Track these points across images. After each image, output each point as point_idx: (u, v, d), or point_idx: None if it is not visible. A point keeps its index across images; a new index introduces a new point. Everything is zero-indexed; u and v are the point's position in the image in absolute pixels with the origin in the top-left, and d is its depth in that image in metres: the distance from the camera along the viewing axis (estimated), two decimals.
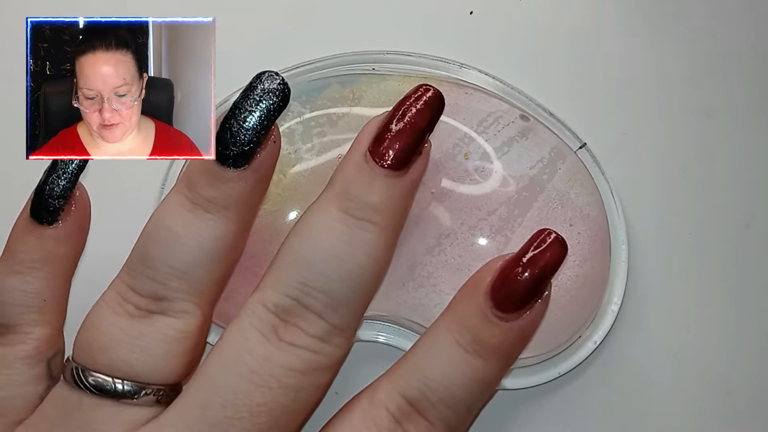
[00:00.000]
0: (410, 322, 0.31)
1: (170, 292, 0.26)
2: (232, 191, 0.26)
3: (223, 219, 0.26)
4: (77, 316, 0.28)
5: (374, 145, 0.26)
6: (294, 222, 0.30)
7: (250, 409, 0.25)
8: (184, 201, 0.27)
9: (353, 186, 0.26)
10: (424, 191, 0.31)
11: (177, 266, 0.26)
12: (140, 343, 0.26)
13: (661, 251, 0.33)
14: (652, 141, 0.34)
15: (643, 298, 0.33)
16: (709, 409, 0.33)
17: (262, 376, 0.25)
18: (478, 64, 0.33)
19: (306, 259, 0.26)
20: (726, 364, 0.33)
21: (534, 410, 0.33)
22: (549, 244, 0.26)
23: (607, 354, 0.32)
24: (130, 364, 0.26)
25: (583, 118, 0.33)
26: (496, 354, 0.26)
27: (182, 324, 0.27)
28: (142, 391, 0.26)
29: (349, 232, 0.26)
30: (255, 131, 0.26)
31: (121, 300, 0.27)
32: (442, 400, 0.26)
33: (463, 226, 0.30)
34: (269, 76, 0.26)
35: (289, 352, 0.26)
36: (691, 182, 0.34)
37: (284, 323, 0.26)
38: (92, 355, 0.26)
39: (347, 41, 0.34)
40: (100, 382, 0.26)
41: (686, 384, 0.33)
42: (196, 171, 0.27)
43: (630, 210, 0.33)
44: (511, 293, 0.26)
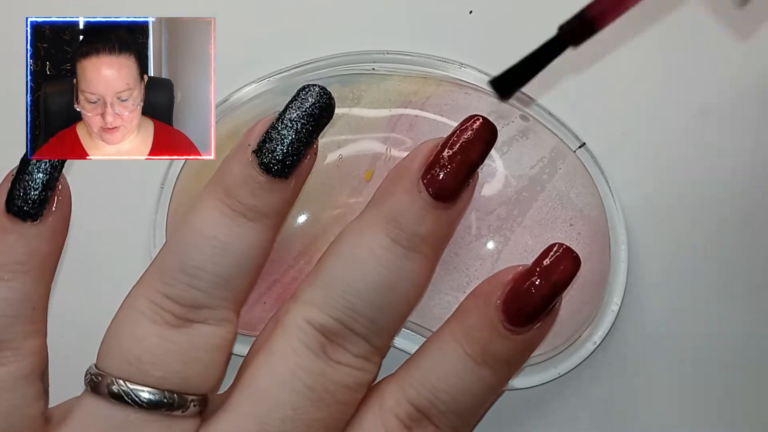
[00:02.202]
0: (410, 322, 0.31)
1: (214, 300, 0.26)
2: (274, 201, 0.26)
3: (263, 227, 0.26)
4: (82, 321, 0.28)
5: (426, 173, 0.27)
6: (297, 219, 0.31)
7: (308, 424, 0.26)
8: (224, 209, 0.26)
9: (403, 214, 0.26)
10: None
11: (222, 274, 0.26)
12: (192, 354, 0.26)
13: (661, 251, 0.33)
14: (652, 141, 0.34)
15: (643, 298, 0.33)
16: (709, 409, 0.33)
17: (318, 393, 0.26)
18: (478, 64, 0.33)
19: (352, 285, 0.26)
20: (726, 364, 0.33)
21: (534, 410, 0.33)
22: (562, 258, 0.26)
23: (607, 354, 0.32)
24: (185, 376, 0.25)
25: (583, 118, 0.33)
26: (504, 365, 0.27)
27: (225, 332, 0.27)
28: (190, 403, 0.26)
29: (396, 261, 0.26)
30: (302, 143, 0.26)
31: (157, 309, 0.26)
32: (450, 409, 0.27)
33: (463, 226, 0.30)
34: (320, 90, 0.26)
35: (340, 370, 0.26)
36: (691, 182, 0.33)
37: (330, 342, 0.26)
38: (143, 369, 0.25)
39: (347, 41, 0.34)
40: (151, 396, 0.25)
41: (686, 384, 0.33)
42: (236, 179, 0.26)
43: (630, 210, 0.33)
44: (523, 308, 0.26)
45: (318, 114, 0.26)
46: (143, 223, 0.33)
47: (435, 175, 0.26)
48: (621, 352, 0.33)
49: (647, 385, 0.33)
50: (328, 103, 0.26)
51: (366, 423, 0.27)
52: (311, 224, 0.30)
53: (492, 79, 0.24)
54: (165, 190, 0.33)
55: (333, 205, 0.31)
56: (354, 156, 0.31)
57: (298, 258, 0.30)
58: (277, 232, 0.28)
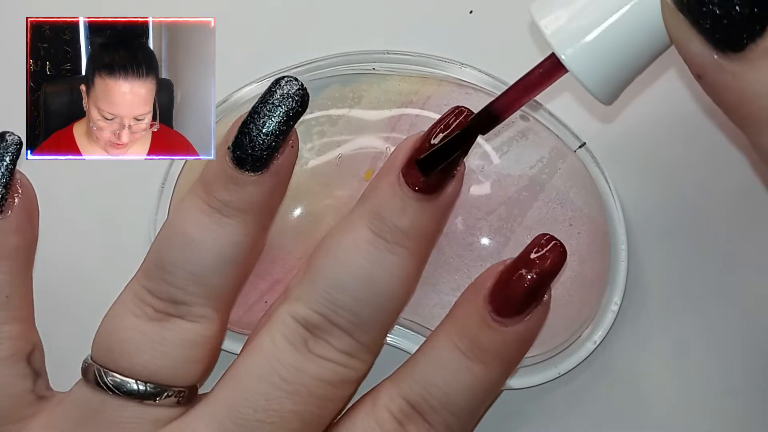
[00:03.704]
0: (410, 321, 0.31)
1: (189, 297, 0.27)
2: (249, 196, 0.26)
3: (241, 223, 0.26)
4: (86, 317, 0.28)
5: (407, 167, 0.27)
6: (298, 219, 0.31)
7: (281, 415, 0.26)
8: (201, 205, 0.27)
9: (385, 208, 0.27)
10: None
11: (194, 271, 0.26)
12: (162, 348, 0.26)
13: (661, 251, 0.33)
14: (652, 141, 0.34)
15: (643, 298, 0.33)
16: (708, 409, 0.33)
17: (294, 385, 0.26)
18: (478, 63, 0.33)
19: (335, 279, 0.26)
20: (725, 364, 0.33)
21: (534, 410, 0.33)
22: (549, 249, 0.26)
23: (607, 354, 0.32)
24: (152, 368, 0.26)
25: (583, 118, 0.33)
26: (495, 359, 0.27)
27: (201, 329, 0.27)
28: (164, 393, 0.26)
29: (378, 254, 0.26)
30: (273, 136, 0.26)
31: (139, 302, 0.27)
32: (443, 405, 0.27)
33: (463, 226, 0.30)
34: (288, 81, 0.26)
35: (318, 364, 0.26)
36: (691, 182, 0.33)
37: (314, 337, 0.26)
38: (114, 358, 0.26)
39: (347, 41, 0.34)
40: (122, 384, 0.26)
41: (686, 384, 0.33)
42: (213, 175, 0.27)
43: (630, 210, 0.33)
44: (510, 297, 0.26)
45: (288, 105, 0.26)
46: (143, 223, 0.33)
47: (413, 166, 0.26)
48: (621, 352, 0.33)
49: (647, 385, 0.33)
50: (299, 94, 0.26)
51: (359, 420, 0.27)
52: (312, 224, 0.30)
53: (417, 159, 0.26)
54: (165, 190, 0.33)
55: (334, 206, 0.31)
56: (354, 156, 0.31)
57: (299, 258, 0.30)
58: (262, 230, 0.28)
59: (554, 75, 0.25)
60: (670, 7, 0.22)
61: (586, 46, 0.23)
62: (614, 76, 0.24)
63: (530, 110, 0.32)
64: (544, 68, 0.25)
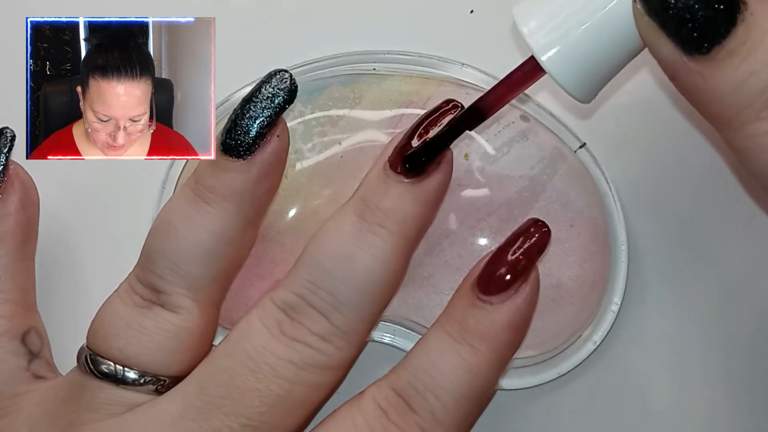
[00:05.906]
0: (411, 322, 0.31)
1: (167, 286, 0.27)
2: (232, 181, 0.27)
3: (221, 212, 0.27)
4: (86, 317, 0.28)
5: (394, 156, 0.27)
6: (298, 219, 0.31)
7: (241, 391, 0.26)
8: (188, 193, 0.27)
9: (369, 192, 0.27)
10: None
11: (172, 259, 0.27)
12: (138, 335, 0.27)
13: (661, 251, 0.33)
14: (652, 141, 0.34)
15: (643, 298, 0.33)
16: (708, 409, 0.33)
17: (257, 363, 0.26)
18: (479, 64, 0.33)
19: (315, 259, 0.27)
20: (725, 364, 0.33)
21: (534, 410, 0.33)
22: (532, 226, 0.27)
23: (607, 354, 0.32)
24: (127, 353, 0.27)
25: (583, 118, 0.33)
26: (483, 342, 0.26)
27: (179, 319, 0.27)
28: (142, 379, 0.27)
29: (358, 234, 0.27)
30: (258, 123, 0.26)
31: (129, 290, 0.28)
32: (428, 388, 0.26)
33: (464, 227, 0.30)
34: (278, 73, 0.27)
35: (287, 345, 0.26)
36: (691, 182, 0.33)
37: (290, 320, 0.27)
38: (97, 342, 0.27)
39: (348, 41, 0.34)
40: (103, 367, 0.27)
41: (686, 384, 0.33)
42: (203, 164, 0.27)
43: (630, 210, 0.33)
44: (494, 273, 0.26)
45: (273, 94, 0.26)
46: (143, 223, 0.33)
47: (400, 156, 0.27)
48: (621, 352, 0.33)
49: (647, 385, 0.33)
50: (286, 85, 0.27)
51: (342, 409, 0.27)
52: (313, 224, 0.30)
53: (404, 156, 0.27)
54: (165, 190, 0.33)
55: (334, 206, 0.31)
56: (355, 156, 0.31)
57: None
58: (246, 223, 0.28)
59: (534, 76, 0.26)
60: (641, 12, 0.23)
61: (563, 51, 0.25)
62: (591, 77, 0.25)
63: (531, 111, 0.32)
64: (524, 70, 0.26)
